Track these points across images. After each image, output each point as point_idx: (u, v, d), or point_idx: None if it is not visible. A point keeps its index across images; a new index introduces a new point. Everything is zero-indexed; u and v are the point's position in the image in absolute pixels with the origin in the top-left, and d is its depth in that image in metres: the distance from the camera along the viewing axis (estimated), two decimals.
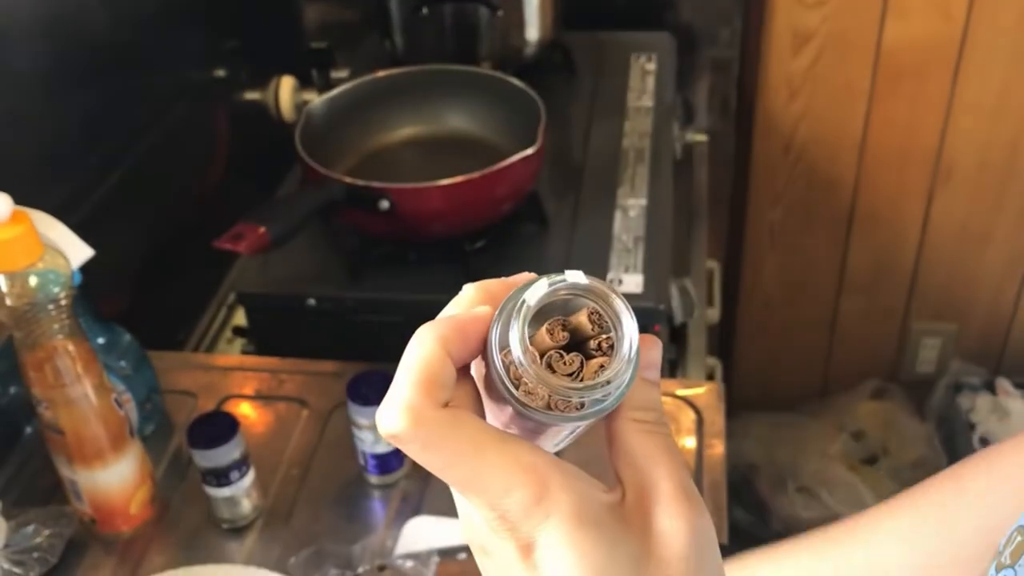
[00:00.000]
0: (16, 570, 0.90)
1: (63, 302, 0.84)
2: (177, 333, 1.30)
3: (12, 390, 1.05)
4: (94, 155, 1.16)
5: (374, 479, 0.99)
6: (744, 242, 1.91)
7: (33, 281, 0.83)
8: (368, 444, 0.96)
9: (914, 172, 1.84)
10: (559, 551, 0.34)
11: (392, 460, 0.98)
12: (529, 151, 1.14)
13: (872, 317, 2.02)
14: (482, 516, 0.35)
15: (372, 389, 0.94)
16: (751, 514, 1.88)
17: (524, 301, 0.35)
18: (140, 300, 1.23)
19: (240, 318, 1.31)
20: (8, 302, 0.82)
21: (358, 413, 0.94)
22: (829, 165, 1.84)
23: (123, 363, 1.00)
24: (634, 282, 1.16)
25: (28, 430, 1.06)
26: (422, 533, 0.93)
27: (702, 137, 1.70)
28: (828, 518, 2.02)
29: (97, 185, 1.16)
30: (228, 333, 1.32)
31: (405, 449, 0.35)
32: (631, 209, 1.27)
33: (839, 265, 1.97)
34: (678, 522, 0.36)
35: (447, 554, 0.90)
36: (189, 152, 1.38)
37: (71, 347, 0.86)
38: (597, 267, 1.17)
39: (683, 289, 1.27)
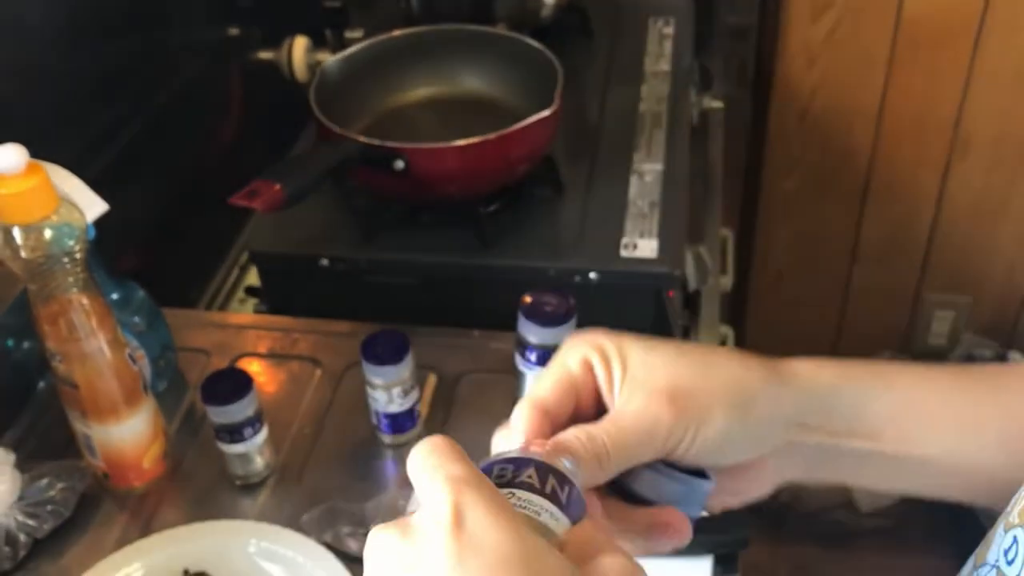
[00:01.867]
0: (30, 522, 0.90)
1: (77, 255, 0.84)
2: (189, 292, 1.29)
3: (25, 345, 1.05)
4: (108, 111, 1.15)
5: (387, 439, 0.99)
6: (758, 211, 1.90)
7: (48, 234, 0.83)
8: (381, 404, 0.96)
9: (931, 143, 1.82)
10: (486, 519, 0.36)
11: (405, 420, 0.98)
12: (545, 113, 1.13)
13: (885, 288, 2.01)
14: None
15: (386, 349, 0.94)
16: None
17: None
18: (153, 258, 1.23)
19: (253, 278, 1.30)
20: (23, 254, 0.82)
21: (372, 372, 0.94)
22: (845, 134, 1.82)
23: (137, 319, 1.00)
24: (649, 247, 1.15)
25: (41, 385, 1.07)
26: None
27: (719, 104, 1.68)
28: (837, 488, 2.01)
29: (111, 141, 1.15)
30: (240, 293, 1.32)
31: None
32: (647, 174, 1.26)
33: (853, 236, 1.96)
34: (616, 563, 0.38)
35: None
36: (203, 110, 1.37)
37: (85, 301, 0.86)
38: (611, 232, 1.17)
39: (698, 256, 1.26)
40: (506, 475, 0.41)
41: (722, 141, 1.64)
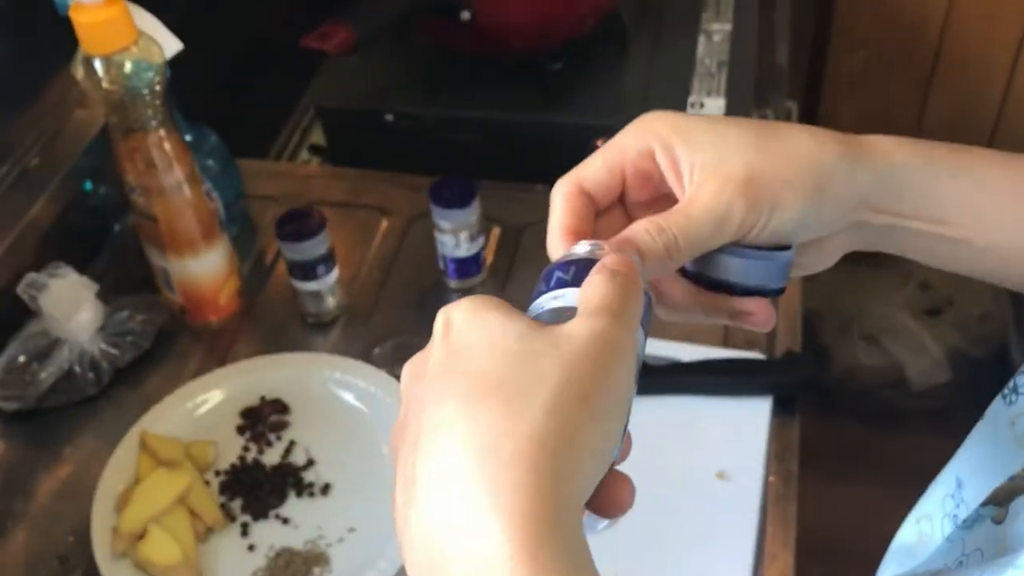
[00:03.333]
0: (112, 351, 0.94)
1: (157, 87, 0.85)
2: (254, 149, 1.31)
3: (102, 190, 1.07)
4: None
5: (453, 283, 1.01)
6: (822, 86, 1.87)
7: (127, 66, 0.84)
8: (449, 248, 0.98)
9: (1006, 18, 1.76)
10: (468, 320, 0.38)
11: (471, 265, 1.00)
12: None
13: None
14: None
15: (454, 193, 0.95)
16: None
17: None
18: (221, 110, 1.24)
19: (316, 137, 1.32)
20: (104, 85, 0.84)
21: (440, 216, 0.96)
22: (917, 7, 1.77)
23: (211, 163, 1.02)
24: (716, 106, 1.14)
25: (117, 228, 1.09)
26: None
27: None
28: (890, 366, 2.01)
29: None
30: (304, 153, 1.34)
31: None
32: (715, 34, 1.24)
33: (918, 115, 1.92)
34: (585, 323, 0.37)
35: None
36: None
37: (164, 135, 0.88)
38: (678, 90, 1.16)
39: (764, 119, 1.25)
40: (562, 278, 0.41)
41: (789, 11, 1.61)
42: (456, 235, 0.97)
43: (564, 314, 0.39)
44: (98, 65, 0.83)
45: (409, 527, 0.36)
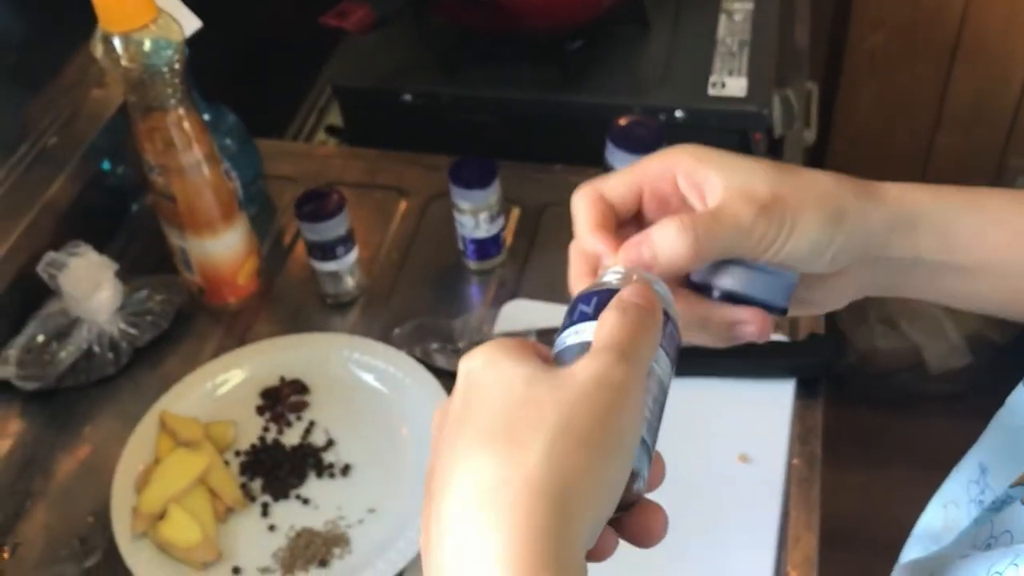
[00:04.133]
0: (131, 331, 0.93)
1: (176, 66, 0.84)
2: (272, 129, 1.30)
3: (120, 170, 1.07)
4: None
5: (473, 264, 1.00)
6: (842, 67, 1.85)
7: (147, 44, 0.83)
8: (468, 229, 0.97)
9: None
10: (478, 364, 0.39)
11: (491, 246, 0.99)
12: None
13: (968, 153, 1.96)
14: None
15: (474, 173, 0.95)
16: None
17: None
18: (239, 90, 1.23)
19: (333, 118, 1.31)
20: (123, 63, 0.83)
21: (460, 197, 0.95)
22: None
23: (229, 142, 1.02)
24: (738, 86, 1.13)
25: (135, 208, 1.09)
26: (520, 314, 0.95)
27: None
28: (908, 350, 2.00)
29: None
30: (321, 133, 1.33)
31: None
32: (736, 13, 1.23)
33: (938, 97, 1.90)
34: (588, 363, 0.38)
35: (544, 334, 0.91)
36: None
37: (183, 114, 0.87)
38: (698, 70, 1.15)
39: (785, 99, 1.23)
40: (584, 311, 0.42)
41: None
42: (475, 216, 0.96)
43: (584, 349, 0.40)
44: (117, 43, 0.82)
45: (428, 570, 0.37)
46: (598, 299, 0.41)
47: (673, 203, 0.49)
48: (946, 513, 0.63)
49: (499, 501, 0.35)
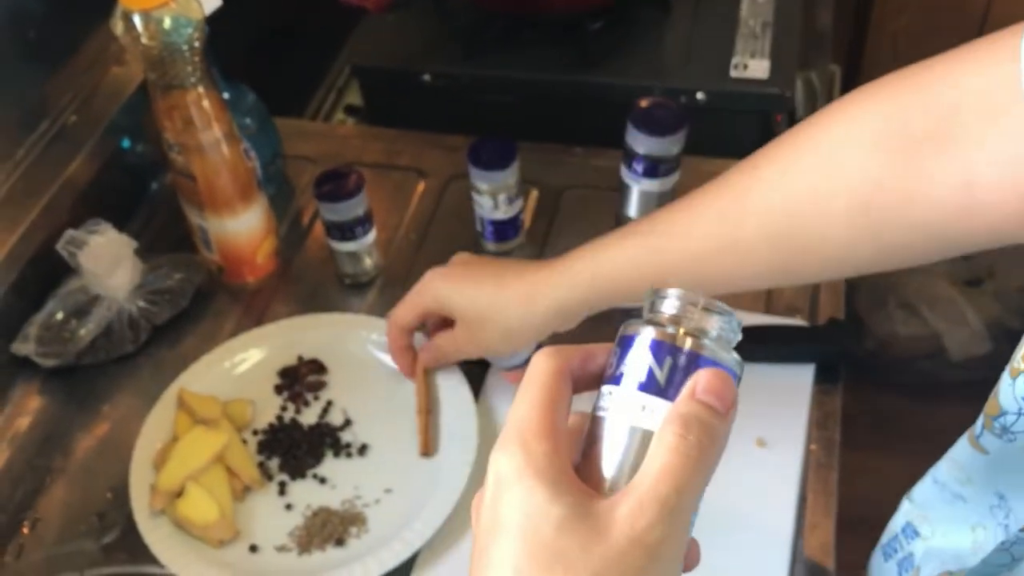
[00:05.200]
0: (150, 308, 0.94)
1: (196, 44, 0.84)
2: (291, 108, 1.30)
3: (139, 148, 1.07)
4: None
5: (491, 246, 1.00)
6: (865, 49, 1.83)
7: (166, 22, 0.83)
8: (487, 210, 0.97)
9: None
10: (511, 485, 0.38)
11: (509, 228, 0.99)
12: None
13: None
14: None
15: (493, 154, 0.94)
16: None
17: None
18: (258, 69, 1.23)
19: (352, 97, 1.30)
20: (143, 41, 0.83)
21: (478, 178, 0.94)
22: None
23: (248, 121, 1.01)
24: (761, 67, 1.12)
25: (154, 186, 1.09)
26: None
27: None
28: (928, 336, 1.98)
29: None
30: (340, 113, 1.33)
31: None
32: None
33: None
34: (627, 515, 0.35)
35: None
36: None
37: (203, 92, 0.87)
38: (721, 51, 1.14)
39: (808, 81, 1.23)
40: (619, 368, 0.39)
41: None
42: (494, 197, 0.95)
43: (644, 444, 0.37)
44: (137, 20, 0.82)
45: None
46: (673, 363, 0.38)
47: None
48: (975, 536, 0.63)
49: None
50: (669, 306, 0.40)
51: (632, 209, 0.99)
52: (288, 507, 0.81)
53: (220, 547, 0.78)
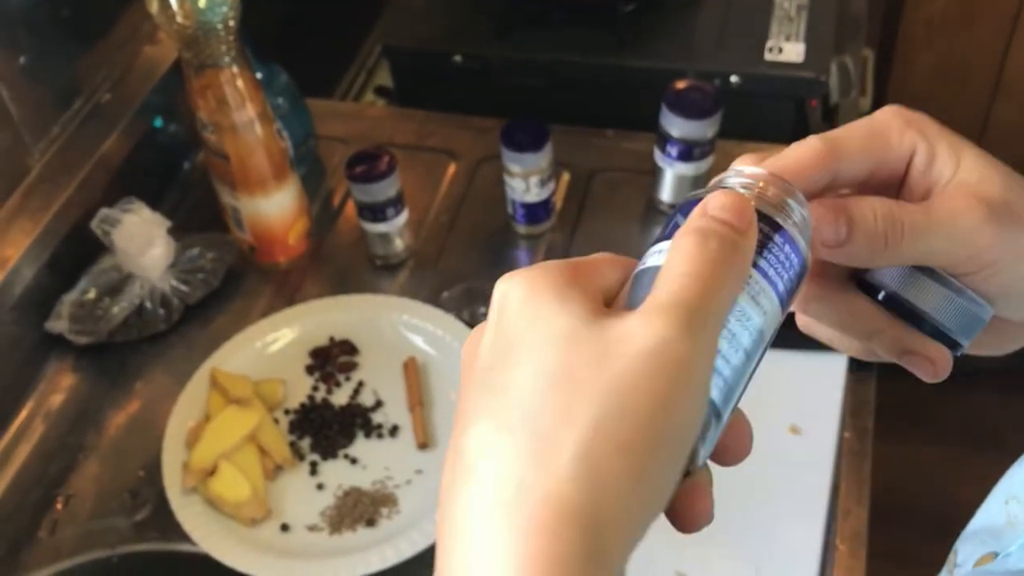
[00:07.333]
0: (183, 287, 0.94)
1: (231, 23, 0.84)
2: (321, 89, 1.30)
3: (172, 127, 1.07)
4: None
5: (522, 229, 1.00)
6: (899, 33, 1.81)
7: (201, 1, 0.83)
8: (519, 193, 0.96)
9: None
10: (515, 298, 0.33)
11: (540, 211, 0.98)
12: None
13: None
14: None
15: (525, 136, 0.94)
16: None
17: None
18: (289, 46, 1.23)
19: (382, 78, 1.30)
20: (178, 19, 0.83)
21: (511, 160, 0.94)
22: None
23: (281, 101, 1.01)
24: (795, 51, 1.11)
25: (187, 166, 1.09)
26: None
27: None
28: None
29: None
30: (370, 94, 1.32)
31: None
32: None
33: (997, 67, 1.85)
34: (644, 329, 0.30)
35: None
36: None
37: (237, 72, 0.87)
38: (755, 35, 1.12)
39: (842, 66, 1.21)
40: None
41: None
42: (526, 179, 0.95)
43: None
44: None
45: (439, 537, 0.31)
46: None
47: (890, 173, 0.40)
48: (1008, 509, 0.61)
49: (518, 513, 0.29)
50: (731, 178, 0.36)
51: (666, 193, 0.98)
52: (319, 487, 0.82)
53: (252, 526, 0.79)
